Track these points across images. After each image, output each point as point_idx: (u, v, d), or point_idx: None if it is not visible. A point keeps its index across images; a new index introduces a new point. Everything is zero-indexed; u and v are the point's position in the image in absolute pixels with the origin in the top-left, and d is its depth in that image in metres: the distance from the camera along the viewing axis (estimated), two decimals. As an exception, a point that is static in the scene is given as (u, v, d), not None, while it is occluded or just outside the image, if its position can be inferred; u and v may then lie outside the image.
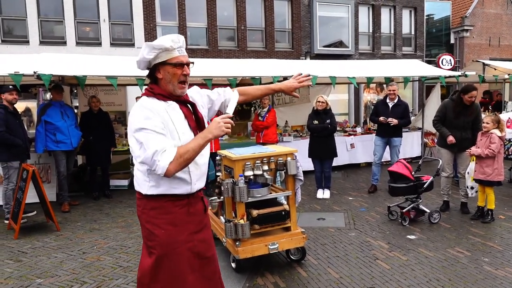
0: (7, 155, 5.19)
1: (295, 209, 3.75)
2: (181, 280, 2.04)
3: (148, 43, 1.97)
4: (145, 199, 2.05)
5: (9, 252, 4.26)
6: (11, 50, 12.62)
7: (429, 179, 4.96)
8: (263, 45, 16.34)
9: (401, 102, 6.52)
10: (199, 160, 2.06)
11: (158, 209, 2.01)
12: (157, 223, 2.01)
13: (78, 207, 6.11)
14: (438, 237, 4.39)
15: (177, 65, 1.98)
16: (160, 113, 1.95)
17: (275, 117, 7.21)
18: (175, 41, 1.98)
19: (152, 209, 2.02)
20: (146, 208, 2.04)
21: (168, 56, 1.96)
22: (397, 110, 6.43)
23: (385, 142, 6.59)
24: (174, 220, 2.02)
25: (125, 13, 14.37)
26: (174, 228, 2.02)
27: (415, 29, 18.73)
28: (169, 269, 2.02)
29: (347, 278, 3.46)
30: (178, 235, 2.03)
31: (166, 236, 2.00)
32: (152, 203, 2.02)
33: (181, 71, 1.98)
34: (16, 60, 6.31)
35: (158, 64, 1.98)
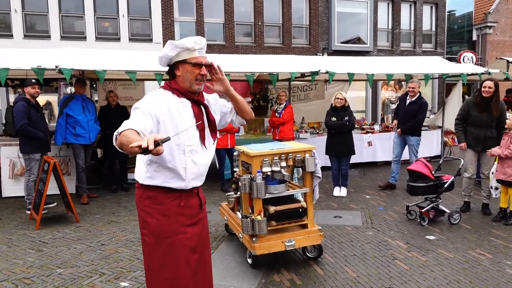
0: (29, 148, 5.31)
1: (312, 206, 3.72)
2: (172, 269, 2.09)
3: (171, 41, 2.06)
4: (141, 188, 2.14)
5: (31, 242, 4.36)
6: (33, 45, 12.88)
7: (450, 178, 4.85)
8: (280, 41, 16.26)
9: (418, 100, 6.36)
10: (198, 160, 2.12)
11: (151, 198, 2.10)
12: (150, 212, 2.10)
13: (96, 199, 6.22)
14: (459, 238, 4.30)
15: (196, 64, 2.06)
16: (168, 105, 2.02)
17: (291, 114, 7.16)
18: (197, 42, 2.06)
19: (146, 198, 2.12)
20: (142, 197, 2.14)
21: (189, 56, 2.05)
22: (411, 108, 6.34)
23: (403, 140, 6.48)
24: (165, 211, 2.08)
25: (144, 8, 14.49)
26: (165, 218, 2.08)
27: (436, 25, 18.33)
28: (160, 257, 2.09)
29: (365, 277, 3.42)
30: (168, 225, 2.09)
31: (157, 225, 2.08)
32: (147, 193, 2.11)
33: (199, 70, 2.07)
34: (38, 54, 6.42)
35: (178, 62, 2.07)
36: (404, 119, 6.39)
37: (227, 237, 4.42)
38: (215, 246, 4.16)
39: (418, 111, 6.31)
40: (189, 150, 2.07)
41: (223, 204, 4.51)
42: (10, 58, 5.96)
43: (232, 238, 4.35)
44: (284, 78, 7.95)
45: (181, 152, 2.05)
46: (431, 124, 9.72)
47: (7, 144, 6.33)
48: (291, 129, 7.17)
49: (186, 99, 2.09)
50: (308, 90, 9.91)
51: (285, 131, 7.02)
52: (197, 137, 2.11)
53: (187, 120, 2.06)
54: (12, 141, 6.10)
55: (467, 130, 5.19)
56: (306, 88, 9.90)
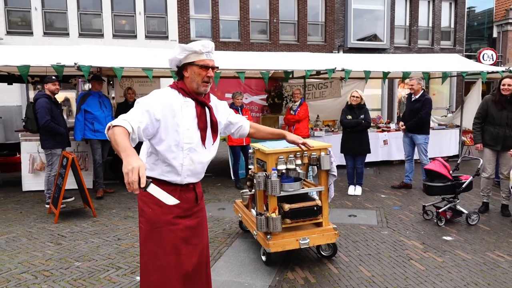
0: (51, 143, 5.44)
1: (327, 205, 3.70)
2: (163, 257, 2.17)
3: (181, 45, 2.15)
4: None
5: (50, 235, 4.47)
6: (52, 42, 13.17)
7: (468, 178, 4.76)
8: (295, 38, 16.19)
9: (421, 97, 6.24)
10: (196, 158, 2.18)
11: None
12: (146, 201, 2.18)
13: (113, 194, 6.32)
14: (477, 240, 4.22)
15: (203, 67, 2.14)
16: (172, 104, 2.10)
17: (307, 111, 7.14)
18: (205, 46, 2.15)
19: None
20: None
21: (197, 58, 2.13)
22: (414, 106, 6.26)
23: (411, 139, 6.39)
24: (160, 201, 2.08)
25: (160, 6, 14.62)
26: (159, 208, 2.14)
27: (455, 22, 17.96)
28: (153, 244, 2.18)
29: (380, 277, 3.39)
30: (162, 215, 2.16)
31: (152, 214, 2.17)
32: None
33: (205, 72, 2.15)
34: (57, 51, 6.55)
35: (187, 64, 2.15)
36: (409, 117, 6.29)
37: (241, 234, 4.44)
38: (229, 242, 4.19)
39: (421, 107, 6.18)
40: (187, 148, 2.14)
41: (238, 201, 4.53)
42: (30, 55, 6.09)
43: (246, 235, 4.37)
44: (299, 75, 7.92)
45: (180, 149, 2.12)
46: (449, 123, 9.55)
47: (27, 139, 6.48)
48: (306, 126, 7.15)
49: (191, 99, 2.16)
50: (323, 88, 9.84)
51: (300, 129, 7.01)
52: (198, 136, 2.17)
53: (189, 120, 2.13)
54: (32, 136, 6.25)
55: (486, 129, 5.08)
56: (322, 86, 9.83)
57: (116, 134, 1.81)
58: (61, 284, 3.30)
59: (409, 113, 6.34)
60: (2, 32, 13.14)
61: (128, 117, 1.94)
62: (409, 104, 6.41)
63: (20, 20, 13.69)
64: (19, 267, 3.64)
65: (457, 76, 9.53)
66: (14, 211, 5.43)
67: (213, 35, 15.13)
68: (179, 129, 2.09)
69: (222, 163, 8.42)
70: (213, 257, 3.80)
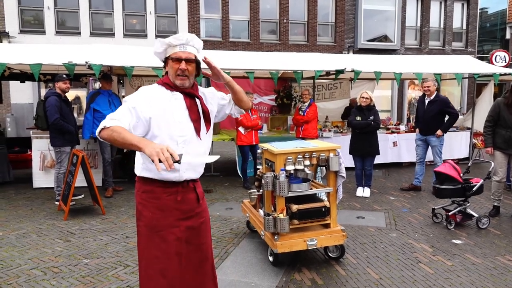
0: (60, 141, 5.49)
1: (335, 206, 3.68)
2: (165, 261, 2.14)
3: (159, 39, 2.17)
4: (139, 182, 2.21)
5: (59, 232, 4.52)
6: (64, 41, 13.32)
7: (478, 182, 4.70)
8: (305, 39, 16.16)
9: (438, 98, 6.20)
10: (192, 150, 2.15)
11: (148, 192, 2.16)
12: (147, 206, 2.16)
13: (122, 192, 6.37)
14: (487, 244, 4.16)
15: (175, 60, 2.11)
16: (160, 99, 2.10)
17: (316, 112, 7.10)
18: (178, 38, 2.14)
19: (143, 192, 2.18)
20: (139, 190, 2.21)
21: (171, 51, 2.13)
22: (432, 107, 6.17)
23: (425, 141, 6.32)
24: (161, 205, 2.14)
25: (170, 5, 14.71)
26: (161, 212, 2.14)
27: (467, 23, 17.75)
28: (154, 249, 2.14)
29: (387, 280, 3.36)
30: (163, 219, 2.15)
31: (152, 218, 2.14)
32: (144, 187, 2.18)
33: (178, 65, 2.10)
34: (68, 50, 6.62)
35: (167, 58, 2.16)
36: (426, 120, 6.20)
37: (249, 234, 4.44)
38: (236, 242, 4.19)
39: (443, 107, 6.14)
40: (182, 141, 2.11)
41: (245, 201, 4.53)
42: (43, 53, 6.17)
43: (253, 235, 4.36)
44: (308, 76, 7.90)
45: (174, 142, 2.08)
46: (460, 125, 9.43)
47: (38, 137, 6.56)
48: (315, 127, 7.12)
49: (179, 92, 2.15)
50: (333, 89, 9.81)
51: (308, 129, 6.99)
52: (191, 128, 2.14)
53: (179, 113, 2.12)
54: (43, 134, 6.32)
55: (497, 132, 5.01)
56: (331, 87, 9.80)
57: (120, 132, 1.84)
58: (70, 281, 3.33)
59: (424, 115, 6.21)
60: (15, 30, 13.33)
61: (116, 116, 1.95)
62: (423, 106, 6.27)
63: (33, 19, 13.88)
64: (28, 263, 3.68)
65: (469, 78, 9.42)
66: (25, 208, 5.50)
67: (223, 35, 15.16)
68: (170, 123, 2.08)
69: (230, 163, 8.43)
70: (220, 256, 3.81)
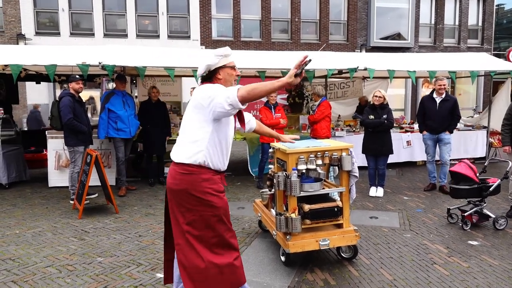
0: (74, 141, 5.57)
1: (348, 206, 3.65)
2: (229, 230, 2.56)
3: (213, 52, 2.53)
4: (195, 174, 2.44)
5: (74, 231, 4.58)
6: (78, 42, 13.52)
7: (495, 181, 4.59)
8: (316, 37, 16.07)
9: (449, 97, 6.16)
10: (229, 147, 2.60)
11: (209, 180, 2.47)
12: (215, 193, 2.48)
13: (135, 192, 6.43)
14: (504, 245, 4.06)
15: (233, 68, 2.58)
16: None
17: (325, 111, 6.71)
18: (229, 50, 2.56)
19: (203, 180, 2.46)
20: (197, 181, 2.44)
21: (226, 61, 2.55)
22: (446, 105, 6.08)
23: (435, 140, 6.21)
24: (218, 188, 2.53)
25: (182, 6, 14.80)
26: (221, 194, 2.53)
27: (483, 20, 17.41)
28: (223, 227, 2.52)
29: (401, 281, 3.31)
30: (224, 199, 2.54)
31: (224, 203, 2.53)
32: (203, 176, 2.46)
33: (235, 72, 2.60)
34: (82, 51, 6.71)
35: (219, 68, 2.52)
36: (439, 118, 6.09)
37: (261, 233, 4.43)
38: (248, 242, 4.18)
39: (454, 107, 6.12)
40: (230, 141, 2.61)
41: (257, 200, 4.52)
42: (57, 55, 6.27)
43: (265, 235, 4.35)
44: (320, 75, 7.84)
45: (229, 144, 2.59)
46: (476, 124, 9.26)
47: (53, 137, 6.67)
48: (325, 127, 6.74)
49: None
50: (345, 88, 9.73)
51: (317, 130, 6.67)
52: (233, 123, 2.62)
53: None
54: (58, 134, 6.42)
55: (516, 131, 4.90)
56: (344, 86, 9.71)
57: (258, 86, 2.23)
58: (84, 279, 3.37)
59: (437, 113, 6.08)
60: (31, 32, 13.59)
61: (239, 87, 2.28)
62: (435, 105, 6.14)
63: (48, 21, 14.13)
64: (44, 261, 3.74)
65: (485, 75, 9.23)
66: (41, 206, 5.60)
67: (234, 34, 15.18)
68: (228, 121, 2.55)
69: (242, 162, 8.43)
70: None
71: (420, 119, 6.39)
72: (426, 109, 6.25)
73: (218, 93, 2.30)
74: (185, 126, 2.52)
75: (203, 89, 2.41)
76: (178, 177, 2.47)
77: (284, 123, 6.51)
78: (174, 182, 2.49)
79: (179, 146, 2.54)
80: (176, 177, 2.48)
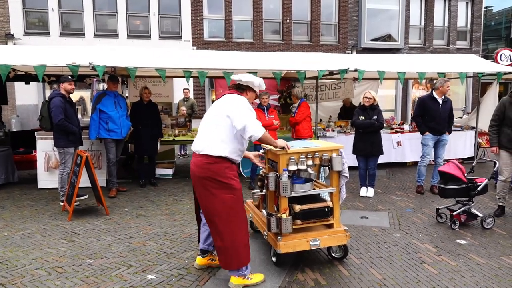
0: (64, 142, 5.52)
1: (338, 206, 3.67)
2: (244, 209, 3.28)
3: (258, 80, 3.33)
4: (219, 163, 3.09)
5: (64, 232, 4.54)
6: (69, 42, 13.40)
7: (483, 181, 4.67)
8: (308, 39, 16.13)
9: (447, 98, 6.25)
10: (245, 147, 3.30)
11: (229, 168, 3.15)
12: (233, 177, 3.16)
13: (125, 193, 6.39)
14: (492, 244, 4.13)
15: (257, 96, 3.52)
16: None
17: (305, 112, 6.80)
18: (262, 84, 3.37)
19: (226, 168, 3.13)
20: (221, 169, 3.10)
21: (256, 89, 3.39)
22: (446, 107, 6.20)
23: (435, 141, 6.27)
24: (235, 174, 3.22)
25: (174, 6, 14.74)
26: (238, 178, 3.22)
27: (472, 22, 17.65)
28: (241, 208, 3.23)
29: (391, 280, 3.35)
30: (239, 183, 3.22)
31: (237, 183, 3.18)
32: (225, 164, 3.13)
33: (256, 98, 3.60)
34: (73, 51, 6.66)
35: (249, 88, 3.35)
36: (441, 120, 6.13)
37: (252, 234, 4.43)
38: (239, 242, 4.18)
39: (451, 108, 6.28)
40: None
41: (248, 201, 4.53)
42: (47, 55, 6.21)
43: (256, 235, 4.36)
44: (311, 76, 7.88)
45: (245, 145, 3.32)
46: (464, 124, 9.38)
47: (43, 138, 6.60)
48: (306, 127, 6.85)
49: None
50: (336, 88, 9.78)
51: (300, 130, 6.77)
52: None
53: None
54: (48, 135, 6.36)
55: (503, 132, 4.98)
56: (335, 87, 9.77)
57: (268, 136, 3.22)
58: (74, 281, 3.35)
59: (441, 114, 6.10)
60: (20, 32, 13.42)
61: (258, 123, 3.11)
62: (438, 106, 6.10)
63: (37, 21, 13.97)
64: (33, 263, 3.70)
65: (473, 76, 9.36)
66: (29, 208, 5.53)
67: (226, 35, 15.17)
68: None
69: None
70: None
71: (420, 120, 6.23)
72: (429, 110, 6.10)
73: (250, 124, 3.02)
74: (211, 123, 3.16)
75: (240, 105, 3.11)
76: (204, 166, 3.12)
77: (277, 125, 6.58)
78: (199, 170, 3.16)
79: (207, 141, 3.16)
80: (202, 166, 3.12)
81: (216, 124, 3.12)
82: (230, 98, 3.18)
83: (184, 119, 8.36)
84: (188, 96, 10.46)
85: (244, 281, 3.20)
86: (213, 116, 3.18)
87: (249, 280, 3.21)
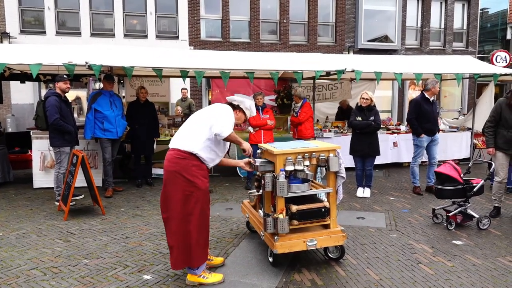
0: (59, 141, 5.49)
1: (335, 207, 3.67)
2: (206, 210, 3.26)
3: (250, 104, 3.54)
4: (188, 159, 3.13)
5: (59, 232, 4.51)
6: (65, 41, 13.33)
7: (479, 182, 4.69)
8: (305, 39, 16.14)
9: (433, 99, 6.37)
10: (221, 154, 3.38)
11: (197, 166, 3.17)
12: (197, 176, 3.15)
13: (122, 193, 6.36)
14: (487, 244, 4.15)
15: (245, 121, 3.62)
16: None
17: (309, 112, 6.87)
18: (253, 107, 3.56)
19: (193, 166, 3.15)
20: (188, 165, 3.12)
21: (247, 112, 3.54)
22: (435, 107, 6.44)
23: (429, 141, 6.29)
24: (204, 174, 3.23)
25: (171, 6, 14.70)
26: (205, 179, 3.21)
27: (468, 23, 17.73)
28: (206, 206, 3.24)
29: (388, 281, 3.35)
30: (206, 184, 3.22)
31: (202, 183, 3.18)
32: (194, 161, 3.16)
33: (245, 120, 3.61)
34: (69, 50, 6.62)
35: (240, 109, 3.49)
36: (435, 120, 6.23)
37: (249, 234, 4.43)
38: (236, 243, 4.18)
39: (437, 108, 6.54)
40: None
41: (245, 201, 4.52)
42: (43, 54, 6.16)
43: (253, 235, 4.36)
44: (309, 76, 7.89)
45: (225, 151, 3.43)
46: (460, 125, 9.42)
47: (38, 137, 6.56)
48: (309, 127, 6.93)
49: None
50: (333, 89, 9.80)
51: (302, 131, 6.83)
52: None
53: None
54: (43, 134, 6.32)
55: (499, 133, 5.00)
56: (332, 87, 9.78)
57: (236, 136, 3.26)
58: (69, 281, 3.33)
59: (433, 115, 6.19)
60: (16, 31, 13.33)
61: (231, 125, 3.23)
62: (431, 107, 6.16)
63: (33, 20, 13.89)
64: (28, 263, 3.68)
65: (469, 78, 9.40)
66: (25, 208, 5.50)
67: (223, 35, 15.15)
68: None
69: (231, 163, 8.41)
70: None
71: (416, 121, 6.13)
72: (424, 112, 6.07)
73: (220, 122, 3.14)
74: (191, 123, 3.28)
75: (222, 110, 3.30)
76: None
77: (272, 124, 6.60)
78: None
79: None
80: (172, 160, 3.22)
81: (195, 123, 3.26)
82: (216, 104, 3.43)
83: (181, 118, 8.34)
84: (186, 96, 10.44)
85: (198, 279, 3.23)
86: (195, 117, 3.33)
87: (205, 279, 3.24)
